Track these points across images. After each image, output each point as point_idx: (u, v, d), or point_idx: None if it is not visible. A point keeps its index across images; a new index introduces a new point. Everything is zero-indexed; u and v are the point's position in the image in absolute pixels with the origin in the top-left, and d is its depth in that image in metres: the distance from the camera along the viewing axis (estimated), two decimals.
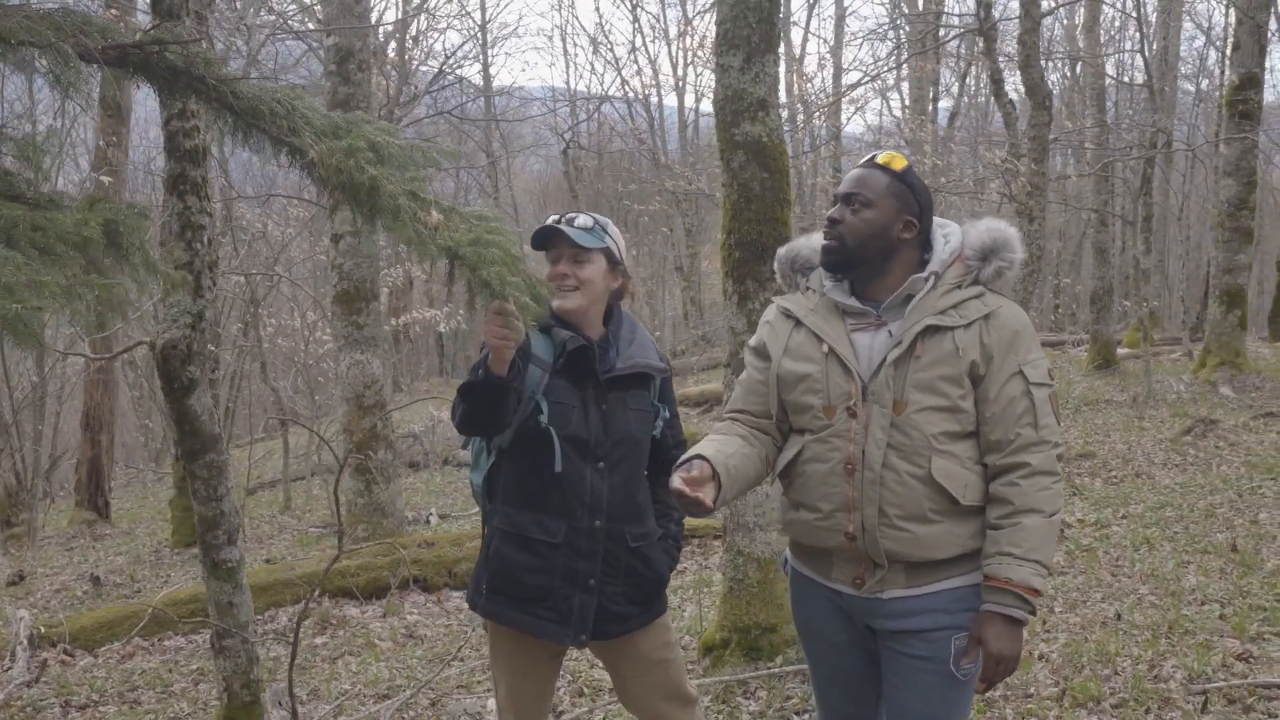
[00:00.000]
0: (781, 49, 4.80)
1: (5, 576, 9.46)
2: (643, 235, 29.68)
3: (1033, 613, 2.34)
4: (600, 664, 5.14)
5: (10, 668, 6.16)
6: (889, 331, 2.43)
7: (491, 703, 4.88)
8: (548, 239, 2.80)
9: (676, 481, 2.31)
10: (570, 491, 2.76)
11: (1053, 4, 11.54)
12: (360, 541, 7.82)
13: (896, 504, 2.37)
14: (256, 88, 2.16)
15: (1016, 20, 10.09)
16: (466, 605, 3.18)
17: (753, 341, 2.69)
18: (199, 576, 8.78)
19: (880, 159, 2.52)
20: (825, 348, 2.47)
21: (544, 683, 2.95)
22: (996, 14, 10.38)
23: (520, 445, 2.81)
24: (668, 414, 2.99)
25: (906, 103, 25.16)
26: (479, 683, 5.27)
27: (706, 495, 2.31)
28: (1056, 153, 25.66)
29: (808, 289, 2.61)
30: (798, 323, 2.57)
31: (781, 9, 4.57)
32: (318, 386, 14.23)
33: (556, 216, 2.82)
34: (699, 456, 2.40)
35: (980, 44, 10.99)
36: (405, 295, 21.30)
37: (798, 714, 4.36)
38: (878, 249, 2.46)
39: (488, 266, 2.19)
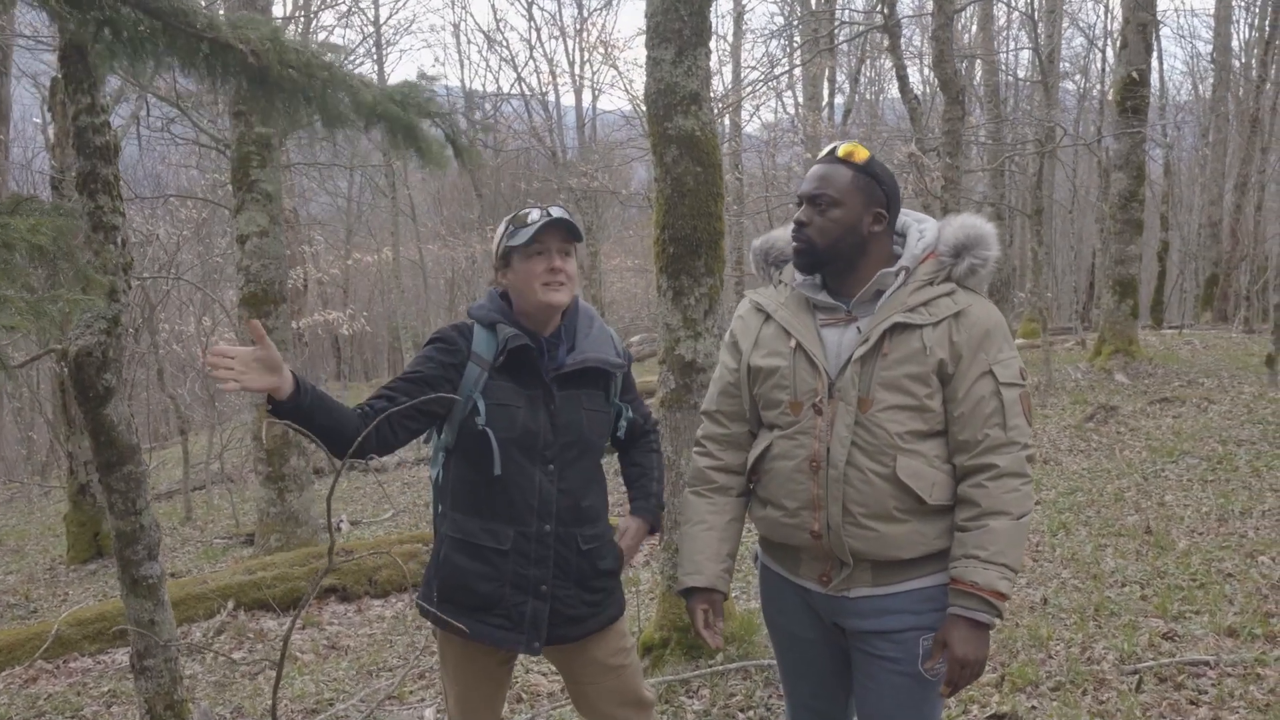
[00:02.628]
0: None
1: None
2: None
3: (1000, 616, 2.29)
4: (540, 669, 5.07)
5: None
6: (858, 328, 2.39)
7: (429, 713, 4.77)
8: (541, 230, 2.65)
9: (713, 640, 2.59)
10: (518, 496, 2.65)
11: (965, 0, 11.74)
12: (274, 551, 7.58)
13: (861, 502, 2.33)
14: None
15: (920, 18, 10.25)
16: (409, 610, 3.08)
17: (726, 337, 2.64)
18: (102, 594, 8.46)
19: (840, 152, 2.44)
20: (793, 343, 2.43)
21: (494, 690, 2.86)
22: (901, 11, 10.54)
23: (462, 448, 2.71)
24: (630, 414, 2.91)
25: (801, 100, 25.46)
26: (411, 693, 5.14)
27: (719, 630, 2.61)
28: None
29: (780, 282, 2.56)
30: (768, 317, 2.52)
31: (714, 2, 4.53)
32: (217, 393, 13.78)
33: (542, 209, 2.66)
34: (715, 592, 2.60)
35: (885, 41, 11.15)
36: (301, 298, 20.80)
37: (742, 710, 4.34)
38: (849, 246, 2.41)
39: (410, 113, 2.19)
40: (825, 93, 23.35)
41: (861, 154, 2.45)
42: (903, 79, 9.65)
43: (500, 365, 2.67)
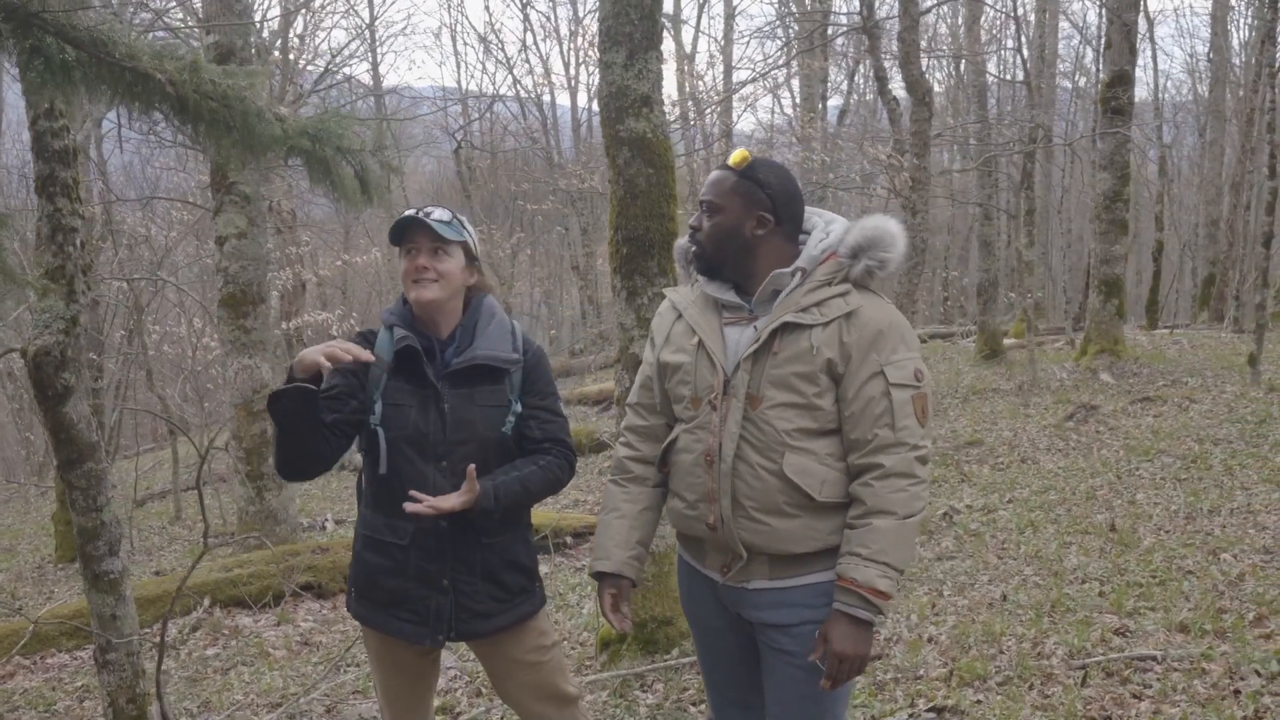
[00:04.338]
0: (672, 47, 4.82)
1: None
2: (538, 235, 29.60)
3: (879, 614, 2.33)
4: None
5: None
6: (755, 327, 2.45)
7: None
8: (406, 231, 2.75)
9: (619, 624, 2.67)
10: (414, 492, 2.70)
11: (931, 2, 11.77)
12: (252, 550, 7.65)
13: (751, 496, 2.40)
14: (95, 18, 2.16)
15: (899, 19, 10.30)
16: None
17: (650, 332, 2.72)
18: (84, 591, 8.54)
19: (731, 159, 2.52)
20: (696, 340, 2.51)
21: (416, 680, 2.94)
22: (881, 13, 10.59)
23: (367, 448, 2.80)
24: (519, 408, 2.85)
25: (798, 100, 25.53)
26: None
27: (627, 614, 2.69)
28: (944, 148, 26.28)
29: (694, 281, 2.64)
30: (680, 315, 2.61)
31: (664, 6, 4.59)
32: (207, 394, 13.87)
33: (414, 210, 2.76)
34: (623, 578, 2.66)
35: (865, 42, 11.20)
36: (298, 299, 20.88)
37: (695, 704, 4.40)
38: (734, 250, 2.49)
39: (324, 147, 2.25)
40: (819, 93, 23.35)
41: (741, 159, 2.51)
42: (881, 80, 9.70)
43: (395, 366, 2.75)
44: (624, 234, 4.55)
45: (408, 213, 2.74)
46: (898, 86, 10.14)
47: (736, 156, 2.52)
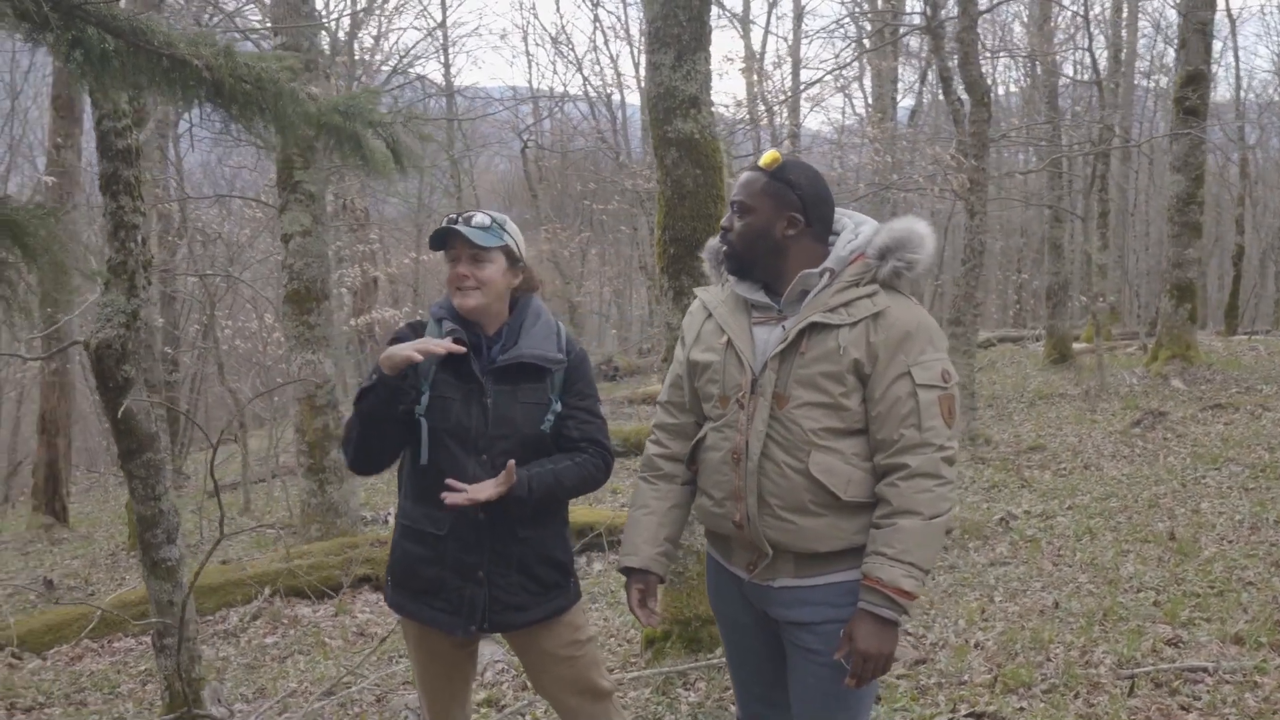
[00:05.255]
0: (741, 48, 4.85)
1: None
2: (606, 234, 29.71)
3: (904, 614, 2.34)
4: None
5: None
6: (784, 326, 2.47)
7: None
8: (445, 239, 2.81)
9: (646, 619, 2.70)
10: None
11: (991, 2, 11.61)
12: (313, 541, 7.81)
13: (777, 494, 2.42)
14: (129, 13, 2.25)
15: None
16: None
17: (681, 330, 2.75)
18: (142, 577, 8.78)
19: (761, 160, 2.54)
20: (725, 339, 2.54)
21: (452, 669, 2.99)
22: (946, 13, 10.47)
23: (410, 438, 2.85)
24: (559, 407, 2.88)
25: (869, 100, 25.33)
26: None
27: (655, 609, 2.71)
28: (1017, 150, 25.90)
29: (725, 281, 2.66)
30: (710, 314, 2.63)
31: (712, 7, 4.61)
32: (277, 389, 14.15)
33: (454, 216, 2.82)
34: (650, 574, 2.69)
35: (930, 42, 11.11)
36: (370, 295, 21.22)
37: (734, 704, 4.41)
38: (764, 250, 2.51)
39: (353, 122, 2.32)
40: (890, 94, 23.16)
41: (772, 160, 2.53)
42: (946, 80, 9.60)
43: (442, 359, 2.78)
44: (671, 234, 4.58)
45: (458, 221, 2.80)
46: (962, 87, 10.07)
47: (767, 158, 2.54)
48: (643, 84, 31.01)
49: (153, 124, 8.40)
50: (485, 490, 2.68)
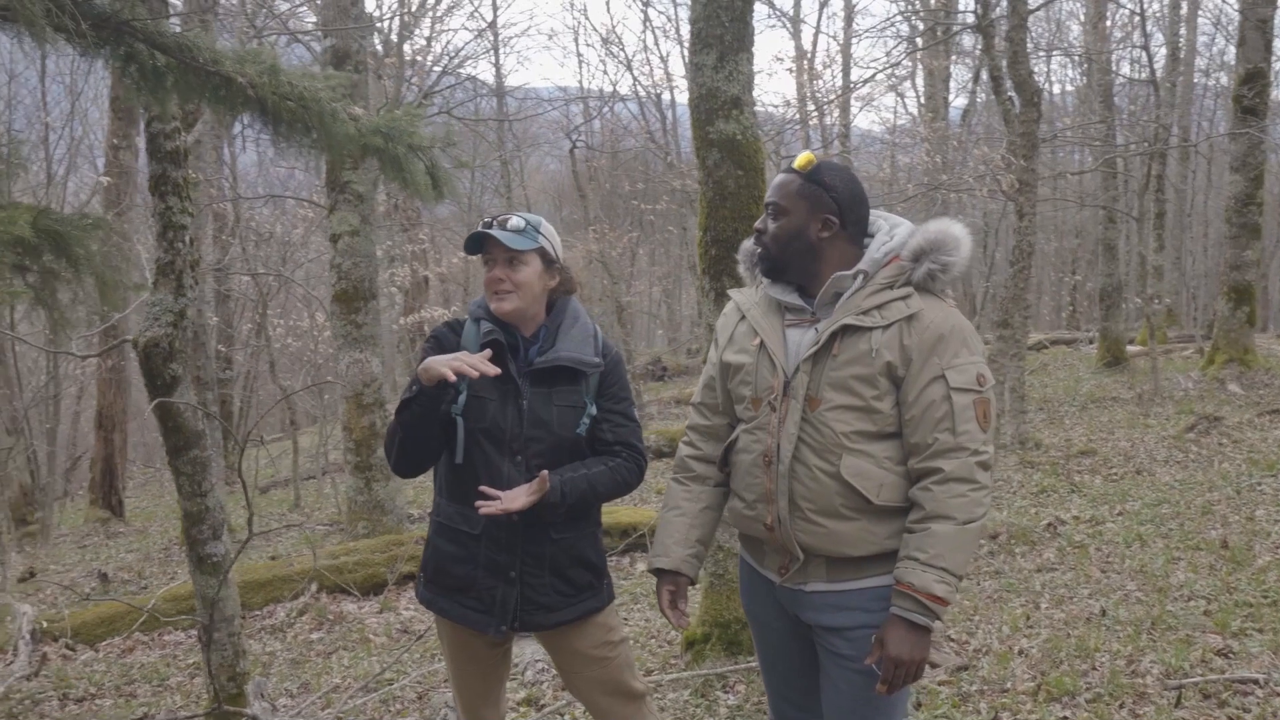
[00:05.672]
0: (792, 48, 4.83)
1: (16, 573, 9.58)
2: (655, 234, 29.70)
3: (936, 619, 2.31)
4: None
5: (12, 661, 6.26)
6: (816, 329, 2.45)
7: None
8: (480, 244, 2.82)
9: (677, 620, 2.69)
10: (486, 484, 2.75)
11: (1038, 1, 11.44)
12: (360, 538, 7.89)
13: (808, 498, 2.40)
14: (175, 29, 2.29)
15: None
16: None
17: (715, 332, 2.75)
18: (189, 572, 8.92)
19: (796, 162, 2.52)
20: (758, 341, 2.52)
21: (487, 669, 3.00)
22: (997, 13, 10.33)
23: (448, 436, 2.86)
24: (594, 410, 2.89)
25: (922, 100, 25.11)
26: None
27: (685, 611, 2.70)
28: (1073, 150, 25.54)
29: (759, 283, 2.65)
30: (743, 316, 2.62)
31: (756, 7, 4.59)
32: (327, 386, 14.32)
33: (488, 220, 2.83)
34: (681, 575, 2.69)
35: (981, 41, 10.98)
36: (420, 294, 21.40)
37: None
38: (798, 252, 2.49)
39: (396, 145, 2.35)
40: (942, 93, 22.95)
41: (808, 163, 2.51)
42: (996, 80, 9.47)
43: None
44: (712, 235, 4.57)
45: (492, 226, 2.80)
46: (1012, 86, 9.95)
47: (802, 160, 2.52)
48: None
49: (204, 126, 8.50)
50: (519, 499, 2.69)
